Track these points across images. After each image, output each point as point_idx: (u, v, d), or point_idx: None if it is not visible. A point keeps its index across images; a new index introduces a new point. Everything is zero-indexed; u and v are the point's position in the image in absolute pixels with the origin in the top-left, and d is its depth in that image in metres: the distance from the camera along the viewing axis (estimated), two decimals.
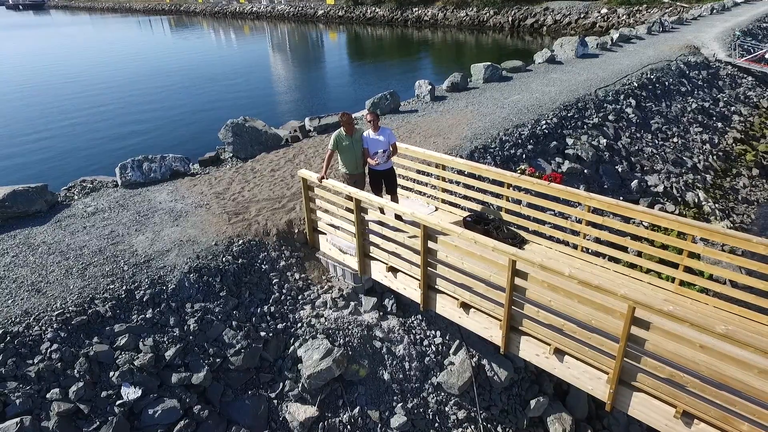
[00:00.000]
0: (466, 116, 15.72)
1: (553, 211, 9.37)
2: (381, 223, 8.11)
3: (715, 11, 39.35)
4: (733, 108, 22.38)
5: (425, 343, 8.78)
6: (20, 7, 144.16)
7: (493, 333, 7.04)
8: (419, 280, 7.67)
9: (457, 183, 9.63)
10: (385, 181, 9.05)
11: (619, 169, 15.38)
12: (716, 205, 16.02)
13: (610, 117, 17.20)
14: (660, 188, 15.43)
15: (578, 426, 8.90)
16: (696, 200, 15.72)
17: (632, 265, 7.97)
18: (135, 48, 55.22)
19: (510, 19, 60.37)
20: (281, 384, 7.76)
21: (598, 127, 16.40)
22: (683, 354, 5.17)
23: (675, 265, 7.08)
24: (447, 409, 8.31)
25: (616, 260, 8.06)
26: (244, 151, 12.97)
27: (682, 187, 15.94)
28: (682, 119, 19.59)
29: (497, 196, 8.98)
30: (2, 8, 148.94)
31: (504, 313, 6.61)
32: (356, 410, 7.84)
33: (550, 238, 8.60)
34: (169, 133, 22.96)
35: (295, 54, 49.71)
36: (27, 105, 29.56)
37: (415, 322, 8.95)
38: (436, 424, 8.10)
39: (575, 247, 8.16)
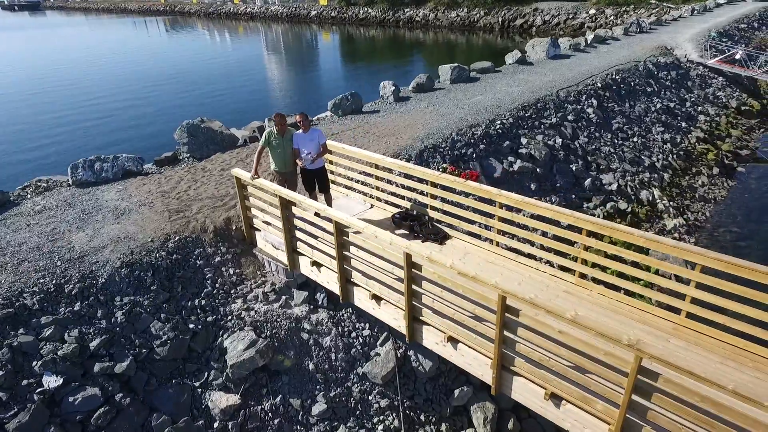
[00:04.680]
0: (424, 117, 16.06)
1: (473, 208, 9.70)
2: (303, 219, 8.44)
3: (696, 12, 39.68)
4: (700, 108, 22.71)
5: (353, 335, 9.11)
6: (15, 8, 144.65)
7: (401, 323, 7.38)
8: (337, 274, 8.01)
9: (394, 183, 9.97)
10: (317, 180, 9.43)
11: (574, 168, 15.71)
12: (671, 203, 16.35)
13: (570, 117, 17.53)
14: (614, 186, 15.78)
15: (502, 414, 9.22)
16: (650, 198, 16.05)
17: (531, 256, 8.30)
18: (123, 49, 55.59)
19: (500, 19, 60.77)
20: (206, 373, 8.10)
21: (556, 127, 16.73)
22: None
23: (574, 259, 7.43)
24: (370, 398, 8.65)
25: (521, 253, 8.39)
26: (200, 151, 13.32)
27: (637, 186, 16.27)
28: (645, 119, 19.92)
29: (423, 193, 9.33)
30: None
31: (406, 304, 6.95)
32: (278, 398, 8.18)
33: (470, 233, 8.94)
34: (144, 133, 23.39)
35: (285, 55, 50.08)
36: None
37: (345, 315, 9.28)
38: (358, 412, 8.44)
39: (491, 242, 8.50)
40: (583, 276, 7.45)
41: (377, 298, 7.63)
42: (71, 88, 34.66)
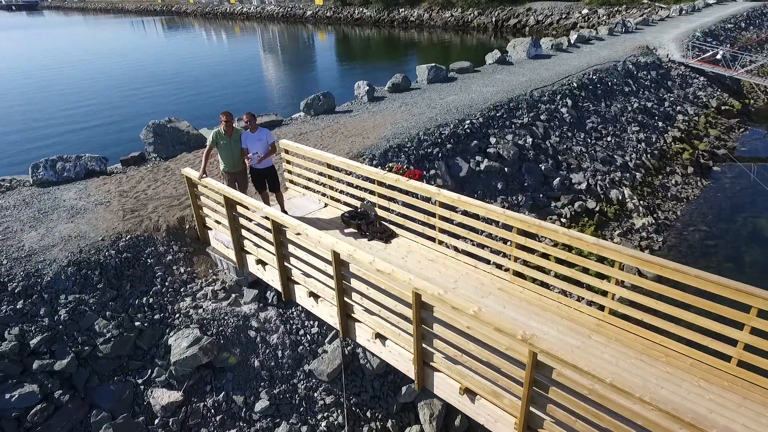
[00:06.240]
0: (394, 116, 16.14)
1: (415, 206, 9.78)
2: (247, 218, 8.53)
3: (684, 12, 39.71)
4: (678, 108, 22.76)
5: (301, 332, 9.19)
6: (13, 7, 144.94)
7: (336, 321, 7.46)
8: (278, 271, 8.10)
9: (346, 182, 10.05)
10: (267, 180, 9.52)
11: (543, 168, 15.78)
12: (641, 202, 16.41)
13: (542, 116, 17.60)
14: (583, 186, 15.84)
15: (450, 411, 9.29)
16: (620, 197, 16.12)
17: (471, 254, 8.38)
18: (115, 49, 55.71)
19: (493, 19, 60.90)
20: (150, 371, 8.18)
21: (527, 127, 16.80)
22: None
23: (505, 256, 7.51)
24: (316, 395, 8.73)
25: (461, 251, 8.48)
26: (165, 151, 13.41)
27: (607, 185, 16.33)
28: (620, 119, 19.98)
29: (373, 193, 9.41)
30: None
31: (337, 301, 7.03)
32: (222, 395, 8.26)
33: (416, 232, 9.01)
34: (121, 133, 23.54)
35: (279, 55, 50.18)
36: None
37: (294, 313, 9.36)
38: (302, 409, 8.52)
39: (434, 240, 8.59)
40: (518, 274, 7.52)
41: (315, 296, 7.71)
42: (58, 88, 34.83)
